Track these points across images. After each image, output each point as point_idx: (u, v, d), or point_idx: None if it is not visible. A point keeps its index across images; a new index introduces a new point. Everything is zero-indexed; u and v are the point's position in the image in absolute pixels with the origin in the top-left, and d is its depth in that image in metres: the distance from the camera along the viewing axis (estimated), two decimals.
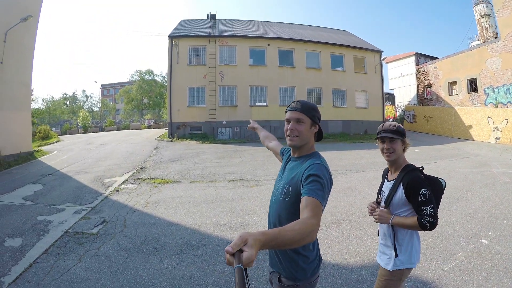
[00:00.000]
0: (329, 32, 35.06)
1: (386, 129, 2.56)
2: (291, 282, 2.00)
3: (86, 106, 69.97)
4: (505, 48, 23.05)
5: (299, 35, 29.87)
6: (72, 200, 8.15)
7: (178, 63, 25.02)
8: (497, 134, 21.63)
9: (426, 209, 2.27)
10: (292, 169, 2.11)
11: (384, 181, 2.73)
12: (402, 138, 2.52)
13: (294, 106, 2.11)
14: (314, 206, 1.66)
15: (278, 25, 34.29)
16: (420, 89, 33.55)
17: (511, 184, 9.55)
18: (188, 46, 25.50)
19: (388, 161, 2.62)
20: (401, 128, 2.55)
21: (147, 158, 14.94)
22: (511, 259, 4.68)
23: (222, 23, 31.20)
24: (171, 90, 25.04)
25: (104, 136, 27.68)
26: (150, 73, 63.28)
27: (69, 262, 4.66)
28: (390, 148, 2.52)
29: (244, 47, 26.58)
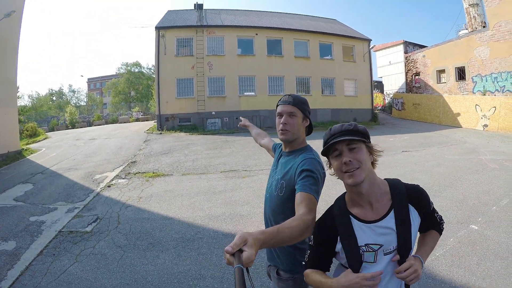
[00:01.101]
0: (318, 21, 34.94)
1: (339, 131, 1.55)
2: (289, 275, 2.02)
3: (73, 101, 69.07)
4: (493, 37, 23.26)
5: (287, 24, 29.74)
6: (64, 198, 8.07)
7: (166, 55, 24.72)
8: (485, 121, 21.88)
9: (438, 214, 1.70)
10: (285, 164, 2.11)
11: (355, 230, 1.56)
12: (366, 141, 1.56)
13: (286, 99, 2.10)
14: (309, 201, 1.70)
15: (266, 14, 34.06)
16: (408, 77, 33.72)
17: (499, 170, 9.69)
18: (175, 37, 25.19)
19: (355, 186, 1.53)
20: (361, 127, 1.59)
21: (137, 152, 14.85)
22: (501, 244, 4.81)
23: (209, 13, 30.84)
24: (159, 82, 24.78)
25: (92, 131, 27.38)
26: (137, 65, 62.66)
27: (65, 263, 4.63)
28: (352, 161, 1.50)
29: (232, 37, 26.34)
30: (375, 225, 1.54)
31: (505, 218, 5.85)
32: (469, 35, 26.65)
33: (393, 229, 1.52)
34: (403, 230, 1.51)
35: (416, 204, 1.58)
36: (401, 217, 1.53)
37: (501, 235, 5.10)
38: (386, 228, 1.53)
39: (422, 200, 1.60)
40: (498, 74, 23.20)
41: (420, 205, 1.59)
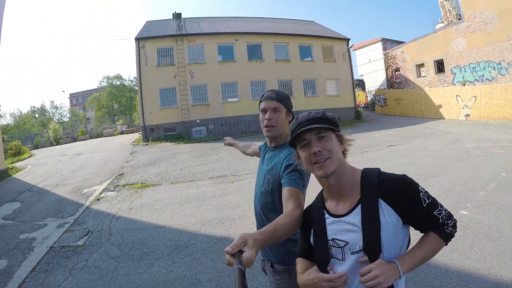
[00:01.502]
0: (296, 24, 35.23)
1: (306, 119, 1.44)
2: (284, 267, 2.06)
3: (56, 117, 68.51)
4: (469, 28, 23.95)
5: (267, 28, 29.92)
6: (53, 214, 7.99)
7: (147, 65, 24.64)
8: (467, 111, 22.37)
9: (441, 212, 1.37)
10: (270, 159, 2.15)
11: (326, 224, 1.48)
12: (336, 129, 1.44)
13: (269, 95, 2.12)
14: (297, 196, 1.73)
15: (245, 20, 34.22)
16: (389, 73, 34.28)
17: (484, 157, 9.98)
18: (155, 47, 25.13)
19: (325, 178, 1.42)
20: (330, 115, 1.48)
21: (124, 164, 14.76)
22: (491, 226, 4.99)
23: (188, 21, 30.89)
24: (141, 93, 24.66)
25: (77, 146, 27.10)
26: (119, 78, 62.40)
27: (59, 278, 4.61)
28: (322, 151, 1.38)
29: (212, 44, 26.41)
30: (341, 220, 1.43)
31: (493, 202, 6.06)
32: (445, 28, 27.34)
33: (358, 227, 1.36)
34: (369, 229, 1.33)
35: (390, 199, 1.35)
36: (367, 213, 1.35)
37: (491, 218, 5.29)
38: (351, 225, 1.39)
39: (400, 195, 1.35)
40: (476, 64, 23.87)
41: (397, 200, 1.35)
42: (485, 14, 22.64)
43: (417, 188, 1.38)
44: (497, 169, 8.45)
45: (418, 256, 1.36)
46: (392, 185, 1.37)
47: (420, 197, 1.35)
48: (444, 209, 1.39)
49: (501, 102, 19.98)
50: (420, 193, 1.36)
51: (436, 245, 1.38)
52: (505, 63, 22.09)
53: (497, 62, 22.60)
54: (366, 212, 1.36)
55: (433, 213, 1.36)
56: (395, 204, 1.35)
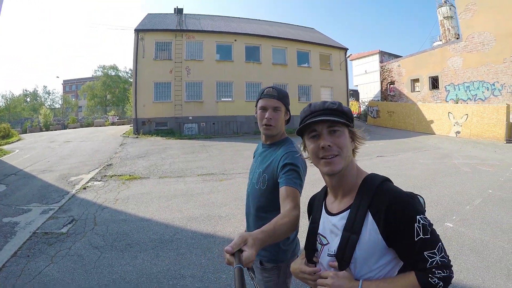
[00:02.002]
0: (296, 29, 35.35)
1: (320, 108, 1.34)
2: (273, 264, 2.04)
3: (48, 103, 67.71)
4: (466, 48, 24.42)
5: (266, 31, 30.02)
6: (38, 199, 7.89)
7: (144, 58, 24.51)
8: (458, 128, 22.76)
9: (434, 256, 1.16)
10: (266, 157, 2.13)
11: (321, 217, 1.45)
12: (350, 125, 1.34)
13: (270, 93, 2.07)
14: (294, 196, 1.73)
15: (245, 21, 34.23)
16: (383, 86, 34.61)
17: (471, 173, 10.20)
18: (154, 40, 25.01)
19: (329, 176, 1.35)
20: (347, 108, 1.37)
21: (113, 155, 14.65)
22: (475, 239, 5.11)
23: (189, 17, 30.83)
24: (136, 85, 24.54)
25: (67, 134, 26.86)
26: (114, 69, 61.91)
27: (41, 264, 4.54)
28: (332, 146, 1.28)
29: (211, 42, 26.40)
30: (330, 219, 1.38)
31: (479, 216, 6.23)
32: (443, 46, 27.89)
33: (340, 231, 1.30)
34: (347, 237, 1.26)
35: (378, 215, 1.21)
36: (351, 221, 1.27)
37: (475, 232, 5.44)
38: (335, 227, 1.33)
39: (391, 215, 1.19)
40: (470, 83, 24.32)
41: (386, 220, 1.19)
42: (483, 35, 23.08)
43: (415, 217, 1.17)
44: (484, 185, 8.67)
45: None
46: (386, 202, 1.21)
47: (413, 228, 1.16)
48: (440, 255, 1.16)
49: (492, 122, 20.38)
50: (416, 223, 1.16)
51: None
52: (499, 85, 22.53)
53: (491, 83, 23.04)
54: (351, 220, 1.27)
55: (423, 252, 1.16)
56: (382, 223, 1.20)
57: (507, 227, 5.67)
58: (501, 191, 8.16)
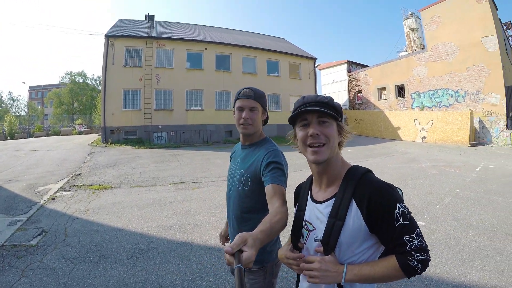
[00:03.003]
0: (266, 39, 35.76)
1: (313, 100, 1.43)
2: (259, 265, 2.05)
3: (13, 109, 65.51)
4: (431, 58, 25.63)
5: (237, 40, 30.19)
6: (4, 210, 7.57)
7: (114, 64, 24.10)
8: (423, 134, 23.92)
9: (413, 240, 1.25)
10: (246, 158, 2.14)
11: (307, 205, 1.55)
12: (338, 118, 1.45)
13: (247, 94, 2.12)
14: (281, 193, 1.77)
15: (216, 29, 34.37)
16: (351, 95, 35.52)
17: (439, 175, 10.78)
18: (124, 47, 24.68)
19: (316, 164, 1.44)
20: (337, 103, 1.49)
21: (82, 164, 14.30)
22: (447, 235, 5.47)
23: (160, 25, 30.63)
24: (105, 93, 24.02)
25: (33, 142, 25.96)
26: (82, 76, 60.62)
27: (11, 278, 4.36)
28: (320, 135, 1.38)
29: (182, 50, 26.34)
30: (316, 206, 1.47)
31: (449, 214, 6.65)
32: (408, 56, 29.15)
33: (326, 218, 1.39)
34: (332, 224, 1.34)
35: (362, 203, 1.30)
36: (336, 208, 1.35)
37: (447, 229, 5.81)
38: (321, 214, 1.42)
39: (373, 203, 1.28)
40: (435, 91, 25.51)
41: (369, 207, 1.29)
42: (448, 46, 24.26)
43: (395, 204, 1.27)
44: (451, 186, 9.23)
45: (368, 272, 1.28)
46: (369, 190, 1.31)
47: (394, 214, 1.25)
48: (418, 240, 1.25)
49: (456, 127, 21.60)
50: (396, 209, 1.25)
51: (391, 271, 1.26)
52: (462, 92, 23.74)
53: (455, 90, 24.25)
54: (336, 207, 1.36)
55: (402, 236, 1.24)
56: (365, 210, 1.29)
57: (477, 223, 6.08)
58: (468, 190, 8.71)
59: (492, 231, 5.63)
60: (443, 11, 24.66)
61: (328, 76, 39.31)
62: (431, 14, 25.62)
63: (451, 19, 24.01)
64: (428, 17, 25.92)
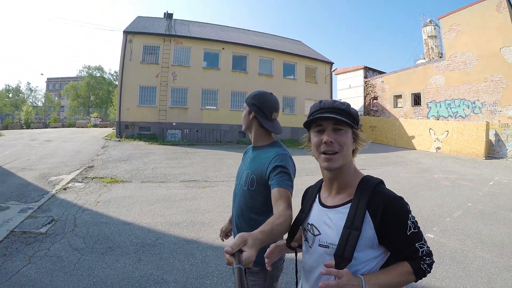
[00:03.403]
0: (283, 41, 35.71)
1: (329, 106, 1.40)
2: (259, 268, 2.03)
3: (30, 100, 66.58)
4: (449, 67, 25.20)
5: (254, 41, 30.20)
6: (17, 198, 7.69)
7: (131, 60, 24.33)
8: (438, 144, 23.51)
9: (423, 246, 1.31)
10: (254, 159, 2.16)
11: (313, 208, 1.54)
12: (354, 126, 1.41)
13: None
14: (287, 197, 1.76)
15: (233, 30, 34.44)
16: (367, 101, 35.19)
17: (451, 187, 10.55)
18: (142, 43, 24.89)
19: (328, 170, 1.42)
20: (354, 110, 1.43)
21: (95, 157, 14.44)
22: (456, 249, 5.32)
23: (178, 23, 30.82)
24: (121, 88, 24.27)
25: (48, 133, 26.39)
26: (100, 70, 61.35)
27: (18, 264, 4.41)
28: (334, 143, 1.36)
29: (199, 49, 26.43)
30: (324, 211, 1.45)
31: (459, 228, 6.47)
32: (426, 64, 28.72)
33: (334, 224, 1.37)
34: (348, 233, 1.29)
35: (375, 213, 1.29)
36: (352, 217, 1.32)
37: (456, 243, 5.65)
38: (330, 220, 1.40)
39: (387, 214, 1.28)
40: (452, 101, 25.07)
41: (382, 218, 1.28)
42: (466, 55, 23.87)
43: (407, 214, 1.31)
44: (463, 199, 9.02)
45: (385, 280, 1.26)
46: (383, 201, 1.30)
47: (407, 224, 1.29)
48: (426, 245, 1.33)
49: (471, 138, 21.20)
50: (409, 220, 1.30)
51: (406, 277, 1.29)
52: (479, 103, 23.26)
53: (472, 101, 23.78)
54: (351, 217, 1.32)
55: (414, 244, 1.30)
56: (378, 221, 1.28)
57: (487, 238, 5.91)
58: (480, 204, 8.50)
59: (501, 248, 5.48)
60: (463, 19, 24.28)
61: (344, 81, 39.05)
62: (450, 22, 25.22)
63: (470, 28, 23.62)
64: (447, 25, 25.52)
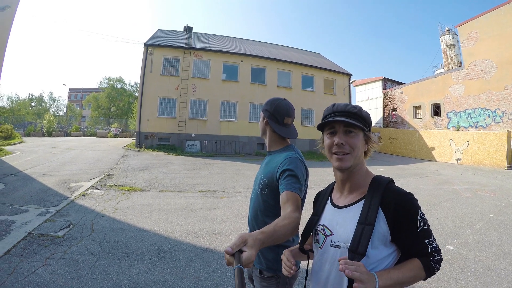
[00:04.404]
0: (301, 53, 35.80)
1: (342, 110, 1.45)
2: (272, 273, 2.02)
3: (52, 109, 68.17)
4: (468, 76, 24.79)
5: (272, 54, 30.35)
6: (36, 202, 7.81)
7: (151, 72, 24.70)
8: (459, 155, 22.99)
9: (432, 243, 1.32)
10: (268, 164, 2.16)
11: (326, 210, 1.57)
12: (366, 129, 1.45)
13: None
14: (294, 200, 1.75)
15: (252, 42, 34.71)
16: (386, 112, 34.89)
17: (472, 199, 10.32)
18: (162, 56, 25.28)
19: (340, 171, 1.47)
20: (366, 113, 1.48)
21: (114, 166, 14.60)
22: (477, 262, 5.13)
23: (197, 36, 31.28)
24: (142, 99, 24.63)
25: (69, 141, 26.92)
26: (120, 81, 62.48)
27: (34, 264, 4.44)
28: (345, 145, 1.41)
29: (218, 62, 26.66)
30: (337, 211, 1.48)
31: (480, 240, 6.27)
32: (445, 73, 28.36)
33: (347, 223, 1.39)
34: (362, 229, 1.31)
35: (388, 209, 1.32)
36: (365, 213, 1.34)
37: (477, 254, 5.46)
38: (342, 219, 1.42)
39: (399, 209, 1.30)
40: (472, 111, 24.66)
41: (395, 213, 1.30)
42: (485, 63, 23.52)
43: (417, 210, 1.33)
44: (485, 210, 8.80)
45: (397, 276, 1.27)
46: (395, 198, 1.34)
47: (417, 219, 1.31)
48: (435, 242, 1.35)
49: (493, 149, 20.67)
50: (419, 215, 1.32)
51: (417, 273, 1.31)
52: (500, 112, 22.82)
53: (492, 110, 23.37)
54: (364, 213, 1.35)
55: (424, 240, 1.32)
56: (391, 216, 1.31)
57: (509, 250, 5.73)
58: (502, 215, 8.29)
59: None
60: (481, 26, 23.96)
61: (363, 92, 38.85)
62: (469, 30, 24.89)
63: (488, 35, 23.27)
64: (465, 33, 25.19)
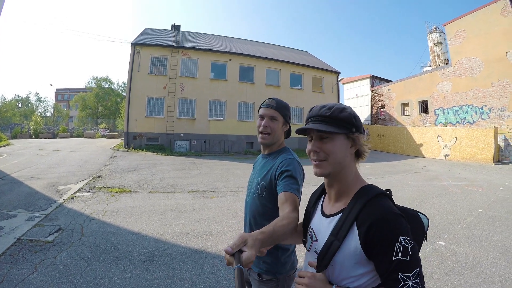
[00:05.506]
0: (290, 52, 35.89)
1: (315, 114, 1.37)
2: (271, 276, 2.02)
3: (39, 110, 67.31)
4: (455, 73, 25.15)
5: (261, 52, 30.37)
6: (24, 206, 7.70)
7: (139, 72, 24.56)
8: (447, 151, 23.45)
9: (408, 280, 1.10)
10: (264, 166, 2.15)
11: (315, 214, 1.51)
12: (346, 132, 1.32)
13: (269, 103, 2.15)
14: (292, 200, 1.75)
15: (240, 41, 34.67)
16: (374, 110, 35.16)
17: (461, 194, 10.51)
18: (150, 55, 25.16)
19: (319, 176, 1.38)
20: (345, 114, 1.33)
21: (103, 167, 14.47)
22: (468, 256, 5.24)
23: (185, 35, 31.14)
24: (129, 99, 24.47)
25: (57, 143, 26.60)
26: (108, 81, 61.93)
27: (24, 271, 4.38)
28: (319, 152, 1.33)
29: (206, 61, 26.62)
30: (321, 219, 1.42)
31: (470, 235, 6.40)
32: (432, 71, 28.75)
33: (326, 233, 1.33)
34: (331, 242, 1.27)
35: (361, 228, 1.20)
36: (338, 227, 1.27)
37: (468, 249, 5.57)
38: (324, 228, 1.37)
39: (372, 230, 1.16)
40: (459, 107, 25.04)
41: (366, 233, 1.18)
42: (472, 61, 23.88)
43: (397, 236, 1.13)
44: (473, 205, 8.97)
45: None
46: (372, 217, 1.18)
47: (393, 247, 1.12)
48: (414, 282, 1.10)
49: (480, 144, 21.16)
50: (397, 242, 1.12)
51: None
52: (487, 108, 23.17)
53: (479, 106, 23.72)
54: (338, 227, 1.27)
55: (398, 273, 1.11)
56: (362, 236, 1.19)
57: (499, 244, 5.84)
58: (491, 210, 8.45)
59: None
60: (468, 25, 24.27)
61: (351, 90, 39.06)
62: (456, 28, 25.21)
63: (475, 33, 23.60)
64: (453, 31, 25.51)
